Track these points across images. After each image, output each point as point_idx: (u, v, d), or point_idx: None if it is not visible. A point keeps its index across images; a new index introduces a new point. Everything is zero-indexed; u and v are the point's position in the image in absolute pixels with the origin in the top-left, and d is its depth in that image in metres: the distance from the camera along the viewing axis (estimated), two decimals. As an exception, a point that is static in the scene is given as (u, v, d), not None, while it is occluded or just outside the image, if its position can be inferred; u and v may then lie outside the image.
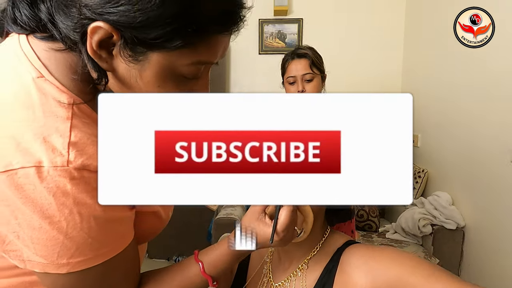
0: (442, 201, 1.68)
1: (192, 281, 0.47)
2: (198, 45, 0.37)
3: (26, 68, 0.37)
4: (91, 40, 0.34)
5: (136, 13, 0.32)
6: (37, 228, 0.34)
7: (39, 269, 0.36)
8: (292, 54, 1.23)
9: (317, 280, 0.55)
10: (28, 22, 0.36)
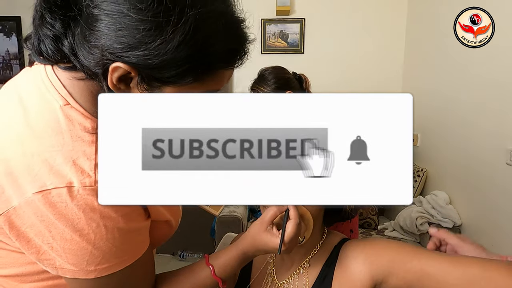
0: (440, 200, 1.72)
1: (204, 283, 0.52)
2: (206, 79, 0.41)
3: (53, 96, 0.41)
4: (111, 76, 0.38)
5: (153, 57, 0.36)
6: (69, 240, 0.38)
7: (70, 275, 0.40)
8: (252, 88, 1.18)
9: (318, 275, 0.59)
10: (52, 55, 0.39)
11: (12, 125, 0.40)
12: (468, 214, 1.64)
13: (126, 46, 0.35)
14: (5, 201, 0.38)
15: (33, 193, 0.37)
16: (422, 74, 2.11)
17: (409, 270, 0.50)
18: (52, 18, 0.37)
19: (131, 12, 0.34)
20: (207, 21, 0.37)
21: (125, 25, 0.35)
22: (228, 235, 1.09)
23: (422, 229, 1.71)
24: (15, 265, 0.44)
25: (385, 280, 0.52)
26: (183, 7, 0.35)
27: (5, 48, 2.52)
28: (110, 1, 0.35)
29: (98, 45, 0.36)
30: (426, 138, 2.07)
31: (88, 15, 0.36)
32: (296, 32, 2.33)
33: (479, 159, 1.57)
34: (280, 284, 0.62)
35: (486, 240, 1.52)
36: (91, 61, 0.37)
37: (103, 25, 0.35)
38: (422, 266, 0.49)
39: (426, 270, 0.48)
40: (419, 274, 0.49)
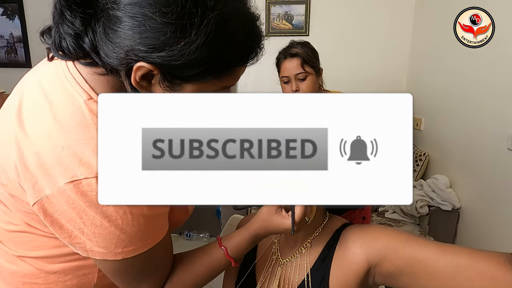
0: (440, 184, 1.74)
1: (218, 262, 0.57)
2: (225, 76, 0.43)
3: (77, 91, 0.43)
4: (135, 74, 0.39)
5: (177, 58, 0.37)
6: (99, 225, 0.42)
7: (99, 257, 0.44)
8: (284, 53, 1.22)
9: (319, 255, 0.63)
10: (74, 52, 0.40)
11: (41, 120, 0.42)
12: (467, 198, 1.68)
13: (150, 47, 0.37)
14: (38, 191, 0.41)
15: (65, 183, 0.40)
16: (429, 57, 2.08)
17: (401, 256, 0.53)
18: (71, 15, 0.38)
19: (156, 15, 0.35)
20: (228, 22, 0.38)
21: (150, 28, 0.36)
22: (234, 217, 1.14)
23: (422, 212, 1.75)
24: (45, 248, 0.48)
25: (380, 264, 0.55)
26: (205, 9, 0.36)
27: (8, 31, 2.50)
28: (134, 4, 0.36)
29: (122, 45, 0.37)
30: (430, 123, 2.07)
31: (111, 16, 0.37)
32: (301, 14, 2.29)
33: (481, 144, 1.58)
34: (284, 262, 0.67)
35: (484, 224, 1.56)
36: (114, 60, 0.39)
37: (127, 27, 0.36)
38: (414, 252, 0.51)
39: (417, 256, 0.51)
40: (410, 260, 0.51)
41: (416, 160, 2.07)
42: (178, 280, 0.54)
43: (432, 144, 2.02)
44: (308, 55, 1.19)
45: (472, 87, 1.65)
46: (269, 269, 0.68)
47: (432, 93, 2.01)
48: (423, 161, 2.01)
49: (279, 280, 0.65)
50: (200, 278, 0.56)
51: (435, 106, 1.98)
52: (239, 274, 0.74)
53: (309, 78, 1.19)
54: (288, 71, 1.19)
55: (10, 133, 0.43)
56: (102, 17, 0.38)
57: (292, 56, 1.18)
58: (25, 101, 0.44)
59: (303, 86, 1.19)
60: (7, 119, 0.45)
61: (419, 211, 1.75)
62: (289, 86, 1.20)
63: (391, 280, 0.56)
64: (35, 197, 0.41)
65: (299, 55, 1.18)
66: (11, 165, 0.42)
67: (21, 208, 0.46)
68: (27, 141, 0.41)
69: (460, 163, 1.74)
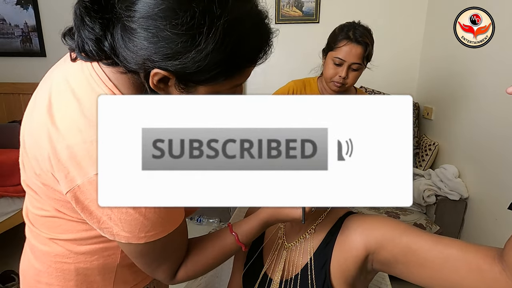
0: (448, 174, 1.74)
1: (229, 248, 0.61)
2: (236, 76, 0.45)
3: (102, 89, 0.46)
4: (152, 79, 0.43)
5: (189, 65, 0.40)
6: (124, 212, 0.45)
7: (125, 240, 0.48)
8: (354, 35, 1.10)
9: (322, 241, 0.67)
10: (96, 55, 0.43)
11: (70, 116, 0.45)
12: (475, 188, 1.67)
13: (164, 56, 0.40)
14: (71, 181, 0.44)
15: (94, 174, 0.43)
16: (441, 46, 2.03)
17: (397, 245, 0.55)
18: (91, 21, 0.41)
19: (167, 27, 0.38)
20: (235, 26, 0.40)
21: (162, 39, 0.39)
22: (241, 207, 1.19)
23: (429, 201, 1.76)
24: (73, 231, 0.54)
25: (377, 252, 0.59)
26: (212, 18, 0.38)
27: (23, 20, 2.55)
28: (147, 17, 0.38)
29: (138, 54, 0.40)
30: (440, 112, 2.04)
31: (126, 27, 0.40)
32: (312, 0, 2.25)
33: (491, 135, 1.56)
34: (289, 246, 0.71)
35: (490, 214, 1.56)
36: (133, 65, 0.42)
37: (142, 38, 0.39)
38: (409, 242, 0.54)
39: (412, 246, 0.53)
40: (405, 250, 0.54)
41: (425, 149, 2.06)
42: (192, 263, 0.59)
43: (442, 134, 2.01)
44: (371, 50, 1.14)
45: (483, 77, 1.61)
46: (275, 252, 0.73)
47: (444, 82, 1.98)
48: (433, 150, 2.00)
49: (284, 262, 0.70)
50: (212, 261, 0.61)
51: (447, 95, 1.95)
52: (248, 256, 0.79)
53: (359, 71, 1.15)
54: (349, 56, 1.10)
55: (42, 127, 0.46)
56: (119, 25, 0.40)
57: (359, 43, 1.10)
58: (54, 98, 0.47)
59: (351, 76, 1.13)
60: (38, 114, 0.48)
61: (426, 200, 1.76)
62: (340, 69, 1.12)
63: (387, 267, 0.59)
64: (67, 186, 0.45)
65: (366, 46, 1.11)
66: (44, 157, 0.46)
67: (52, 196, 0.50)
68: (59, 136, 0.45)
69: (470, 153, 1.73)
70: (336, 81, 1.15)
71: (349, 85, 1.18)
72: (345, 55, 1.11)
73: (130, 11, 0.39)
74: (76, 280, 0.56)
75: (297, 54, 2.35)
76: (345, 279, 0.62)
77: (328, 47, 1.18)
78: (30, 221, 0.58)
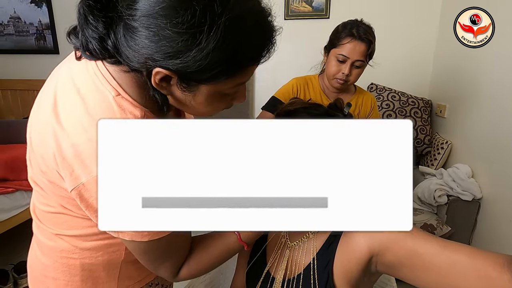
0: (461, 174, 1.70)
1: (231, 246, 0.61)
2: (238, 75, 0.45)
3: (106, 87, 0.46)
4: (154, 78, 0.42)
5: (191, 64, 0.40)
6: None
7: (128, 238, 0.48)
8: (357, 32, 1.10)
9: (325, 241, 0.66)
10: (100, 54, 0.43)
11: (75, 114, 0.45)
12: (489, 189, 1.63)
13: (166, 55, 0.39)
14: (75, 178, 0.45)
15: None
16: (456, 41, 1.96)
17: (402, 247, 0.54)
18: (94, 20, 0.41)
19: (169, 26, 0.38)
20: (237, 25, 0.39)
21: (164, 38, 0.38)
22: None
23: (440, 201, 1.72)
24: (78, 227, 0.55)
25: (381, 254, 0.57)
26: (213, 16, 0.38)
27: (37, 18, 2.61)
28: (148, 16, 0.38)
29: (140, 52, 0.40)
30: (454, 110, 1.98)
31: (128, 26, 0.40)
32: (322, -5, 2.21)
33: (507, 134, 1.51)
34: (292, 245, 0.71)
35: (504, 216, 1.52)
36: (135, 64, 0.42)
37: (144, 36, 0.39)
38: (415, 245, 0.52)
39: (417, 249, 0.52)
40: (410, 253, 0.52)
41: (437, 148, 2.01)
42: (195, 261, 0.59)
43: (456, 132, 1.95)
44: (374, 48, 1.13)
45: (499, 74, 1.56)
46: (278, 251, 0.73)
47: (458, 79, 1.92)
48: (445, 149, 1.95)
49: (287, 261, 0.69)
50: (214, 260, 0.61)
51: (461, 92, 1.89)
52: (252, 253, 0.78)
53: (362, 69, 1.14)
54: (352, 53, 1.10)
55: (47, 125, 0.47)
56: (122, 24, 0.40)
57: (363, 40, 1.10)
58: (59, 96, 0.48)
59: (354, 74, 1.14)
60: (43, 112, 0.49)
61: (437, 200, 1.72)
62: (343, 66, 1.13)
63: (392, 270, 0.58)
64: (72, 184, 0.45)
65: (370, 44, 1.11)
66: (50, 154, 0.47)
67: (58, 193, 0.51)
68: (64, 134, 0.45)
69: (484, 152, 1.68)
70: (339, 78, 1.15)
71: (351, 83, 1.17)
72: (349, 52, 1.10)
73: (131, 9, 0.39)
74: (81, 275, 0.58)
75: (307, 50, 2.32)
76: (348, 280, 0.61)
77: (331, 44, 1.17)
78: (37, 217, 0.60)
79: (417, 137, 2.04)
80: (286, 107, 0.74)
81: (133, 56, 0.41)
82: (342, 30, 1.14)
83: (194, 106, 0.48)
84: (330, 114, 0.70)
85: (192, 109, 0.50)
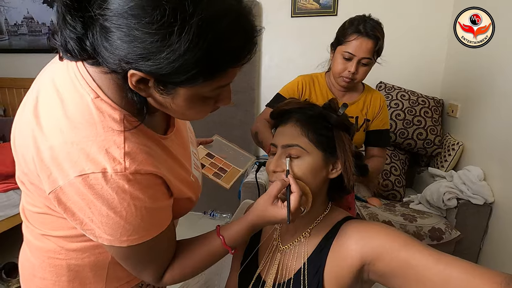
0: (472, 176, 1.63)
1: (216, 251, 0.60)
2: (217, 77, 0.43)
3: (85, 89, 0.45)
4: (130, 80, 0.41)
5: (163, 66, 0.38)
6: (105, 216, 0.45)
7: (107, 243, 0.48)
8: (363, 29, 1.05)
9: (317, 245, 0.64)
10: (79, 54, 0.42)
11: (53, 116, 0.45)
12: (502, 192, 1.56)
13: (138, 57, 0.38)
14: (53, 182, 0.45)
15: (75, 176, 0.43)
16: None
17: (395, 258, 0.52)
18: (72, 20, 0.39)
19: (139, 26, 0.36)
20: (211, 25, 0.37)
21: (134, 38, 0.37)
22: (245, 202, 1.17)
23: (449, 204, 1.66)
24: (64, 228, 0.54)
25: (373, 263, 0.55)
26: (184, 16, 0.36)
27: (49, 18, 2.67)
28: (119, 16, 0.37)
29: (115, 53, 0.39)
30: (466, 110, 1.91)
31: (102, 26, 0.38)
32: (330, -8, 2.16)
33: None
34: (283, 248, 0.70)
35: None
36: (111, 65, 0.41)
37: (116, 37, 0.38)
38: (408, 257, 0.50)
39: (411, 261, 0.50)
40: (403, 264, 0.51)
41: (448, 149, 1.94)
42: (179, 266, 0.59)
43: (468, 133, 1.88)
44: (382, 44, 1.08)
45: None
46: (270, 254, 0.71)
47: (471, 78, 1.84)
48: (456, 150, 1.88)
49: (278, 265, 0.68)
50: (198, 264, 0.60)
51: (473, 92, 1.81)
52: (245, 255, 0.77)
53: (369, 66, 1.10)
54: (359, 50, 1.05)
55: (28, 126, 0.47)
56: (98, 24, 0.39)
57: (370, 37, 1.04)
58: (41, 97, 0.48)
59: (361, 71, 1.09)
60: (25, 113, 0.49)
61: (446, 203, 1.66)
62: (349, 64, 1.08)
63: (384, 279, 0.56)
64: (50, 187, 0.45)
65: (377, 40, 1.05)
66: (30, 156, 0.47)
67: (41, 194, 0.51)
68: (42, 136, 0.45)
69: (497, 155, 1.61)
70: (345, 76, 1.11)
71: (358, 81, 1.13)
72: (355, 49, 1.06)
73: (102, 9, 0.38)
74: (68, 276, 0.58)
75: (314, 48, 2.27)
76: (340, 287, 0.59)
77: (337, 41, 1.13)
78: (25, 217, 0.60)
79: (427, 137, 1.98)
80: (282, 106, 0.72)
81: (108, 57, 0.40)
82: (348, 26, 1.09)
83: (175, 109, 0.47)
84: (324, 114, 0.68)
85: (174, 112, 0.49)
